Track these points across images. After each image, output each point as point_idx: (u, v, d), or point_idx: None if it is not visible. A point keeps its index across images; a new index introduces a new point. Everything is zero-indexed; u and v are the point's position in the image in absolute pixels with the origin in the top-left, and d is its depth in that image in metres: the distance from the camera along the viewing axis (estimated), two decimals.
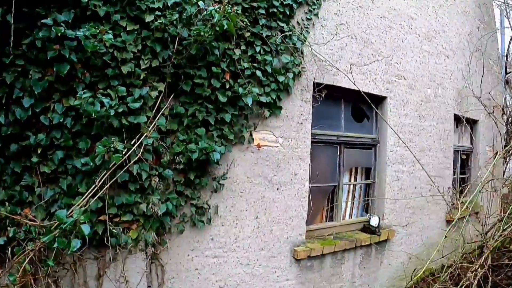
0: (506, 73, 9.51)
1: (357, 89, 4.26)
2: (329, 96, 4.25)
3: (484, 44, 7.37)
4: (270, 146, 3.62)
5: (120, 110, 2.82)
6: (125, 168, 2.85)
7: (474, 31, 7.24)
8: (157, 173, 3.03)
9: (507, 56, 9.57)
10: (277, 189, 3.67)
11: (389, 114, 4.78)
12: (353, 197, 4.83)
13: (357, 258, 4.44)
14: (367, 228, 4.53)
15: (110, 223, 2.87)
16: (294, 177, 3.76)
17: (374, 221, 4.50)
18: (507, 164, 9.77)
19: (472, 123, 7.44)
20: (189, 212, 3.24)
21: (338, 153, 4.41)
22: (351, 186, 4.82)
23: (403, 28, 5.17)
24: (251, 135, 3.50)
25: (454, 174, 6.54)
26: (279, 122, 3.67)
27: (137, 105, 2.88)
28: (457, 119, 6.55)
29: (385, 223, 4.77)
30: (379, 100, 4.81)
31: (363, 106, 4.75)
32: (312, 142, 3.99)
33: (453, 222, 5.04)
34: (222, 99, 3.21)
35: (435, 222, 5.83)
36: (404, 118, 5.04)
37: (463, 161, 7.41)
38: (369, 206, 4.86)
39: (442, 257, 5.16)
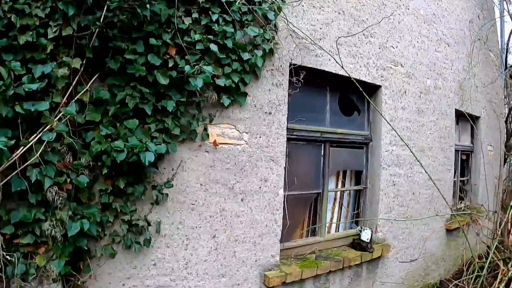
0: (506, 67, 8.82)
1: (345, 74, 3.45)
2: (311, 83, 3.43)
3: (484, 34, 6.65)
4: (231, 144, 2.80)
5: (12, 93, 1.99)
6: (16, 172, 2.02)
7: (475, 19, 6.50)
8: (68, 179, 2.19)
9: (507, 49, 8.87)
10: (241, 200, 2.85)
11: (384, 107, 3.98)
12: (341, 206, 4.02)
13: (345, 280, 3.63)
14: (358, 244, 3.72)
15: (3, 246, 2.05)
16: (264, 184, 2.94)
17: (365, 235, 3.70)
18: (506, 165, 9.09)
19: (473, 120, 6.70)
20: (121, 230, 2.42)
21: (322, 153, 3.59)
22: (338, 193, 4.01)
23: (399, 7, 4.36)
24: (205, 129, 2.66)
25: (454, 176, 5.78)
26: (244, 113, 2.84)
27: (34, 86, 2.03)
28: (458, 115, 5.78)
29: (379, 237, 3.98)
30: (372, 90, 4.00)
31: (353, 96, 3.95)
32: (288, 139, 3.17)
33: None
34: (163, 80, 2.36)
35: (434, 232, 5.05)
36: (402, 112, 4.25)
37: (463, 162, 6.66)
38: (360, 216, 4.06)
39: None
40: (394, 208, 4.11)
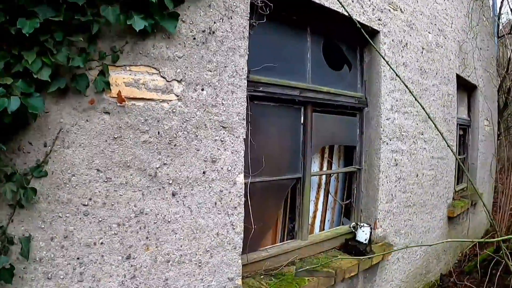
0: (498, 35, 7.99)
1: (333, 8, 2.36)
2: (285, 19, 2.30)
3: None
4: (152, 100, 1.63)
5: None
6: None
7: None
8: None
9: (499, 17, 8.03)
10: (173, 195, 1.71)
11: (382, 61, 2.91)
12: (327, 195, 2.95)
13: None
14: (352, 247, 2.68)
15: None
16: (211, 168, 1.79)
17: (362, 235, 2.66)
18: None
19: (470, 89, 5.81)
20: None
21: (302, 121, 2.48)
22: (324, 177, 2.94)
23: None
24: (102, 74, 1.49)
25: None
26: (175, 48, 1.68)
27: None
28: (457, 83, 4.84)
29: (378, 235, 2.95)
30: (368, 36, 2.91)
31: (342, 45, 2.85)
32: (251, 97, 2.04)
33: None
34: None
35: (436, 221, 4.12)
36: (403, 69, 3.20)
37: (460, 138, 5.77)
38: (353, 208, 3.02)
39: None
40: (396, 196, 3.09)
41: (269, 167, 2.24)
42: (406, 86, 1.85)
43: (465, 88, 5.51)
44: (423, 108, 1.93)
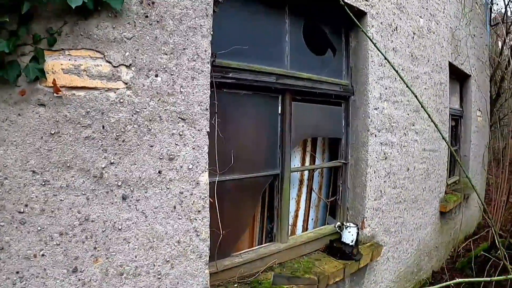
0: (491, 24, 7.84)
1: None
2: None
3: None
4: (95, 89, 1.37)
5: None
6: None
7: None
8: None
9: (491, 5, 7.87)
10: (123, 199, 1.46)
11: (371, 44, 2.68)
12: (310, 192, 2.73)
13: None
14: (337, 249, 2.47)
15: None
16: (168, 166, 1.54)
17: (349, 236, 2.46)
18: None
19: (463, 79, 5.63)
20: None
21: (280, 111, 2.24)
22: (306, 173, 2.72)
23: None
24: (36, 60, 1.25)
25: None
26: (123, 28, 1.41)
27: None
28: (450, 72, 4.65)
29: (366, 234, 2.75)
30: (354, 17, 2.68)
31: (325, 28, 2.62)
32: (219, 84, 1.80)
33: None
34: None
35: (428, 217, 3.95)
36: (393, 55, 2.97)
37: (452, 129, 5.60)
38: (339, 206, 2.81)
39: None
40: (385, 192, 2.89)
41: (242, 163, 2.01)
42: (397, 72, 1.62)
43: (458, 77, 5.33)
44: (416, 97, 1.72)
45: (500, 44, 8.29)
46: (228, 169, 1.91)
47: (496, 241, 2.10)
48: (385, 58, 1.69)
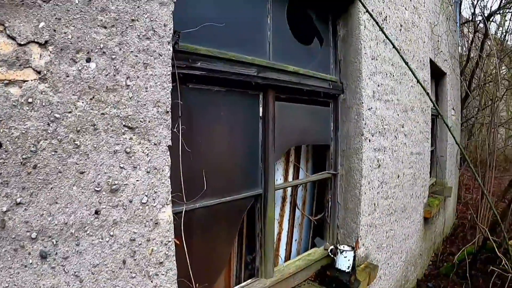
0: (461, 22, 7.86)
1: None
2: None
3: None
4: None
5: None
6: None
7: None
8: None
9: (460, 2, 7.88)
10: (42, 257, 0.93)
11: (364, 33, 2.28)
12: (293, 209, 2.31)
13: None
14: (332, 278, 2.05)
15: None
16: (109, 202, 1.01)
17: (344, 261, 2.06)
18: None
19: (438, 76, 5.47)
20: None
21: (262, 113, 1.77)
22: (289, 189, 2.29)
23: None
24: None
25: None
26: None
27: None
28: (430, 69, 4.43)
29: (360, 255, 2.37)
30: (343, 2, 2.29)
31: (311, 12, 2.21)
32: (183, 77, 1.32)
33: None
34: None
35: (415, 225, 3.67)
36: (384, 47, 2.61)
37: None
38: (328, 225, 2.40)
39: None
40: (378, 204, 2.53)
41: (215, 184, 1.54)
42: (398, 51, 1.23)
43: (434, 74, 5.15)
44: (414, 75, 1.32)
45: (467, 43, 8.36)
46: (198, 193, 1.43)
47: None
48: (384, 34, 1.28)
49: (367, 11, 1.95)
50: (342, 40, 2.33)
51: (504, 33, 8.13)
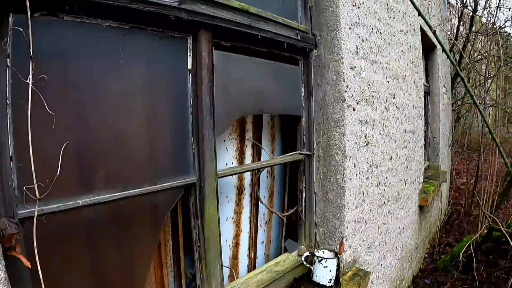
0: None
1: None
2: None
3: None
4: None
5: None
6: None
7: None
8: None
9: None
10: None
11: None
12: (256, 203, 1.74)
13: None
14: None
15: None
16: None
17: (324, 273, 1.51)
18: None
19: (428, 50, 4.97)
20: None
21: (192, 66, 1.18)
22: (248, 175, 1.73)
23: None
24: None
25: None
26: None
27: None
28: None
29: (346, 260, 1.83)
30: None
31: None
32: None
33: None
34: None
35: (410, 215, 3.17)
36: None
37: None
38: (302, 223, 1.83)
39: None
40: (368, 193, 1.98)
41: (110, 171, 0.97)
42: None
43: (423, 47, 4.65)
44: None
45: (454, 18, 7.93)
46: (75, 185, 0.86)
47: None
48: None
49: None
50: None
51: (495, 8, 7.71)
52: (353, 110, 1.74)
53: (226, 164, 1.52)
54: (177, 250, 1.34)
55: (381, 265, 2.43)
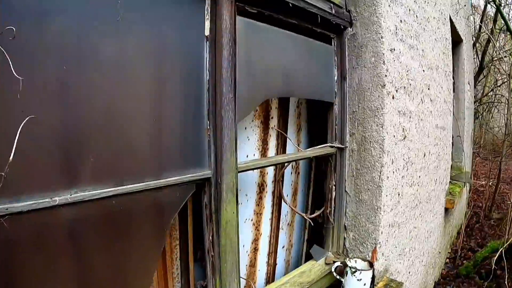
0: None
1: None
2: None
3: None
4: None
5: None
6: None
7: None
8: None
9: None
10: None
11: None
12: (278, 203, 1.49)
13: None
14: None
15: None
16: None
17: (357, 286, 1.28)
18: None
19: (454, 44, 4.62)
20: None
21: (210, 31, 0.91)
22: (270, 170, 1.48)
23: None
24: None
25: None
26: None
27: None
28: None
29: (378, 269, 1.58)
30: None
31: None
32: None
33: None
34: None
35: (437, 218, 2.89)
36: None
37: None
38: (330, 225, 1.56)
39: None
40: (403, 194, 1.71)
41: (99, 161, 0.73)
42: None
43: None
44: None
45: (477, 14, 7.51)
46: (53, 175, 0.63)
47: None
48: None
49: None
50: None
51: None
52: (393, 98, 1.47)
53: (247, 156, 1.27)
54: (185, 257, 1.10)
55: (409, 272, 2.17)
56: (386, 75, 1.40)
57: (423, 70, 2.05)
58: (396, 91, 1.51)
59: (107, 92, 0.75)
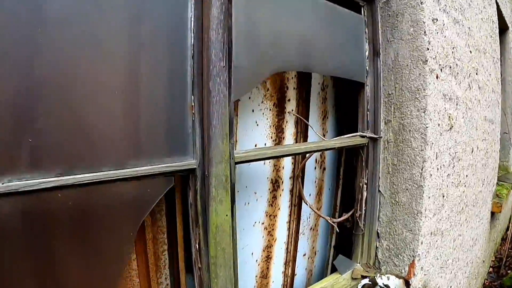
0: None
1: None
2: None
3: None
4: None
5: None
6: None
7: None
8: None
9: None
10: None
11: None
12: (297, 203, 1.25)
13: None
14: None
15: None
16: None
17: None
18: None
19: (500, 31, 4.16)
20: None
21: None
22: (287, 164, 1.23)
23: None
24: None
25: None
26: None
27: None
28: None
29: (416, 285, 1.30)
30: None
31: None
32: None
33: None
34: None
35: (482, 224, 2.52)
36: None
37: None
38: (360, 232, 1.30)
39: None
40: (448, 195, 1.42)
41: (35, 141, 0.53)
42: None
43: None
44: None
45: None
46: None
47: None
48: None
49: None
50: None
51: None
52: (436, 77, 1.18)
53: (255, 145, 1.03)
54: (177, 266, 0.88)
55: (451, 287, 1.85)
56: (428, 49, 1.12)
57: (470, 51, 1.73)
58: (441, 70, 1.22)
59: (58, 53, 0.55)
